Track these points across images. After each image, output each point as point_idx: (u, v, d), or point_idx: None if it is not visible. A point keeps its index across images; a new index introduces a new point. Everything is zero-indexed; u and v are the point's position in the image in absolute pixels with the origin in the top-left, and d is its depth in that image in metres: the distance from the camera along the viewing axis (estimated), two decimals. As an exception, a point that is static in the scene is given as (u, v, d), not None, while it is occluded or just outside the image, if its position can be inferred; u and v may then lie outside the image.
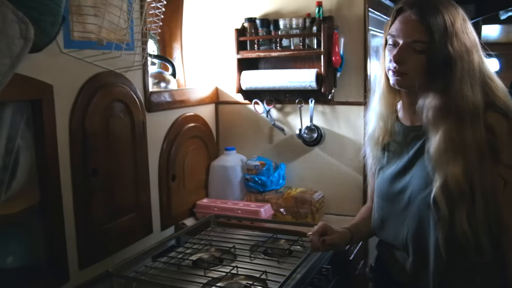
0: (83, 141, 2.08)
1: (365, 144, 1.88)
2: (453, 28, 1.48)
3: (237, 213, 2.77)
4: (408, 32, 1.53)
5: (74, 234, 2.07)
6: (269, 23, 2.88)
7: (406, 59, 1.54)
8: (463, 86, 1.48)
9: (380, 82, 1.74)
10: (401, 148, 1.71)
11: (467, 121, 1.48)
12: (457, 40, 1.48)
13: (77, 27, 2.01)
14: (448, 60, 1.48)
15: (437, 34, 1.47)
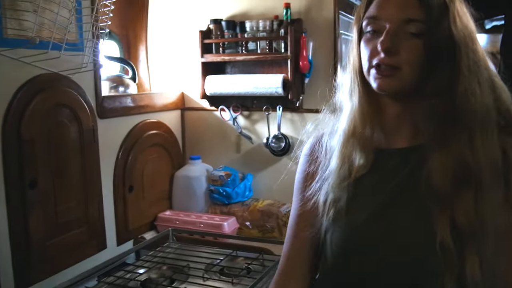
0: (19, 149, 1.89)
1: (319, 180, 1.26)
2: (453, 3, 1.11)
3: (199, 226, 2.60)
4: (398, 8, 1.10)
5: (9, 253, 1.89)
6: (235, 25, 2.72)
7: (399, 46, 1.09)
8: (471, 82, 1.09)
9: (353, 91, 1.22)
10: (377, 182, 1.19)
11: (478, 133, 1.08)
12: (459, 20, 1.10)
13: (11, 24, 1.83)
14: (451, 47, 1.09)
15: (436, 10, 1.08)
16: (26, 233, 1.93)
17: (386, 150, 1.21)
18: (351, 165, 1.21)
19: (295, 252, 1.31)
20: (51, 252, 2.05)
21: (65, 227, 2.13)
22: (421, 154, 1.12)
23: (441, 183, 1.07)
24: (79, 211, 2.20)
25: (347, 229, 1.18)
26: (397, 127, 1.20)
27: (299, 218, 1.31)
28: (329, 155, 1.26)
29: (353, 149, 1.21)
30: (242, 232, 2.67)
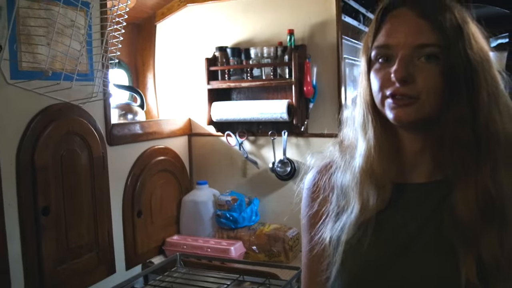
0: (33, 176, 1.95)
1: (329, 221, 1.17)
2: (467, 26, 1.03)
3: (206, 251, 2.63)
4: (409, 34, 1.02)
5: (22, 276, 1.94)
6: (240, 52, 2.79)
7: (414, 74, 1.01)
8: (491, 109, 1.02)
9: (366, 125, 1.12)
10: (396, 220, 1.09)
11: (502, 164, 1.01)
12: (475, 42, 1.02)
13: (25, 57, 1.91)
14: (468, 71, 1.00)
15: (451, 33, 1.00)
16: (39, 258, 1.99)
17: (405, 186, 1.11)
18: (368, 204, 1.09)
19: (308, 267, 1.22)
20: (62, 276, 2.09)
21: (76, 252, 2.18)
22: (442, 190, 1.04)
23: (466, 218, 0.99)
24: (90, 236, 2.26)
25: (361, 272, 1.09)
26: (415, 162, 1.11)
27: (311, 261, 1.20)
28: (342, 194, 1.16)
29: (370, 187, 1.10)
30: (249, 256, 2.71)
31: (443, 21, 1.00)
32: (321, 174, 1.21)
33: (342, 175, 1.16)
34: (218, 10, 2.96)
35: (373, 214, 1.08)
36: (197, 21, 3.03)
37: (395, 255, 1.05)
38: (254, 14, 2.85)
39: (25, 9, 1.91)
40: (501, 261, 0.95)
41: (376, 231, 1.08)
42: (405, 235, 1.05)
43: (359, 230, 1.08)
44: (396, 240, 1.06)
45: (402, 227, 1.06)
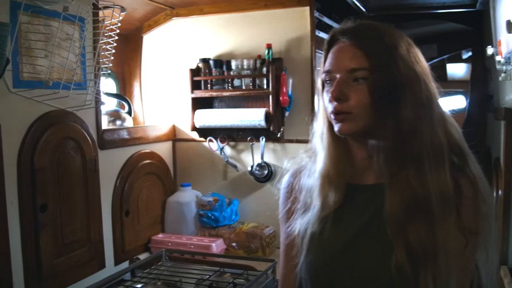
0: (32, 177, 2.14)
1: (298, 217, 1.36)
2: (396, 51, 1.20)
3: (189, 248, 2.84)
4: (344, 61, 1.22)
5: (21, 269, 2.12)
6: (222, 63, 3.01)
7: (347, 94, 1.20)
8: (415, 121, 1.19)
9: (323, 135, 1.34)
10: (349, 215, 1.29)
11: (427, 167, 1.18)
12: (403, 63, 1.20)
13: (26, 68, 2.10)
14: (393, 89, 1.19)
15: (378, 58, 1.19)
16: (37, 251, 2.17)
17: (358, 186, 1.30)
18: (328, 202, 1.29)
19: (286, 279, 1.44)
20: (58, 269, 2.28)
21: (70, 247, 2.36)
22: (384, 191, 1.23)
23: (395, 212, 1.18)
24: (82, 233, 2.44)
25: (322, 258, 1.29)
26: (364, 166, 1.30)
27: (286, 249, 1.42)
28: (308, 194, 1.36)
29: (329, 188, 1.30)
30: (229, 252, 2.92)
31: (372, 48, 1.20)
32: (294, 177, 1.42)
33: (308, 178, 1.37)
34: (201, 24, 3.17)
35: (332, 210, 1.29)
36: (182, 34, 3.23)
37: (348, 244, 1.25)
38: (235, 28, 3.07)
39: (26, 24, 2.09)
40: (427, 247, 1.15)
41: (334, 225, 1.28)
42: (357, 228, 1.25)
43: (320, 224, 1.29)
44: (349, 232, 1.26)
45: (354, 221, 1.26)
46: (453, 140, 1.23)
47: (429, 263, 1.15)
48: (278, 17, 2.96)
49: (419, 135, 1.19)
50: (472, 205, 1.19)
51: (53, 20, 2.20)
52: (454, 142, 1.23)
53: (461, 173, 1.21)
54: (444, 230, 1.16)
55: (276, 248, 2.97)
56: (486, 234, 1.20)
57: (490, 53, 2.53)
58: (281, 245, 1.46)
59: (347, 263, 1.25)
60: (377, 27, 1.26)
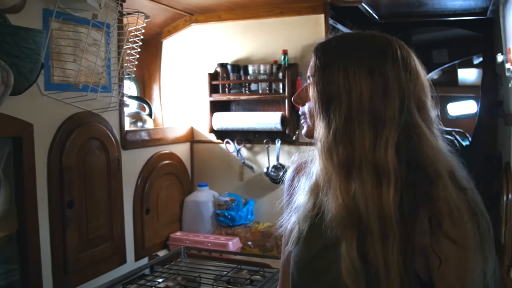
0: (60, 175, 2.26)
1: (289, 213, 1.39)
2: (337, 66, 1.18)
3: (207, 245, 2.94)
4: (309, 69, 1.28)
5: (50, 262, 2.23)
6: (239, 68, 3.12)
7: (303, 98, 1.30)
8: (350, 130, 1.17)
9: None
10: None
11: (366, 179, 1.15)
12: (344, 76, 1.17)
13: (57, 72, 2.22)
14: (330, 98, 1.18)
15: (319, 69, 1.21)
16: (64, 245, 2.29)
17: None
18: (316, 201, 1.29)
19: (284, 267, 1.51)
20: (83, 263, 2.40)
21: (94, 242, 2.48)
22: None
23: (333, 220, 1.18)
24: (105, 229, 2.56)
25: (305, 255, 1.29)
26: None
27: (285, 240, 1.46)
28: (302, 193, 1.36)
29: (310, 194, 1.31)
30: (245, 251, 3.02)
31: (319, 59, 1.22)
32: (296, 172, 1.47)
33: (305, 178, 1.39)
34: (219, 30, 3.28)
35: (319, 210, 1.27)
36: (200, 39, 3.34)
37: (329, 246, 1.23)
38: (252, 35, 3.18)
39: (56, 31, 2.22)
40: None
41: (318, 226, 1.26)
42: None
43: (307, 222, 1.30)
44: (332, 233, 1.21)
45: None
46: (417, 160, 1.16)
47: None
48: (293, 24, 3.06)
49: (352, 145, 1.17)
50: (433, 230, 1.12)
51: (81, 27, 2.32)
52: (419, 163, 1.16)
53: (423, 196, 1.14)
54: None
55: (290, 247, 3.06)
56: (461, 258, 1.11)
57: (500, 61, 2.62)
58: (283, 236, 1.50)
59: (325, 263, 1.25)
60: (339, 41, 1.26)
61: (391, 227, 1.11)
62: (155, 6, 2.96)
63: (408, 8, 3.57)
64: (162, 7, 3.03)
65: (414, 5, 3.40)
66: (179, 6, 3.11)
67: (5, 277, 2.10)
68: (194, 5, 3.08)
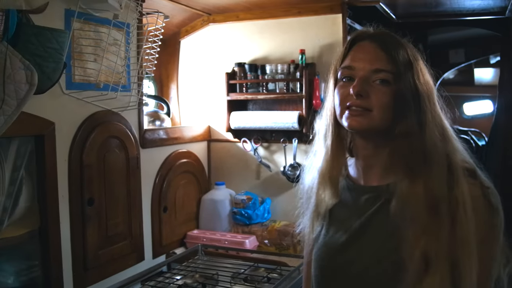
0: (81, 173, 2.30)
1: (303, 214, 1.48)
2: (417, 62, 1.27)
3: (224, 243, 2.96)
4: (368, 60, 1.26)
5: (70, 258, 2.27)
6: (257, 68, 3.14)
7: (369, 91, 1.24)
8: (434, 128, 1.23)
9: (327, 134, 1.39)
10: (349, 213, 1.35)
11: (440, 172, 1.21)
12: (422, 76, 1.26)
13: (78, 71, 2.26)
14: (417, 96, 1.24)
15: (402, 64, 1.24)
16: (84, 242, 2.33)
17: (360, 187, 1.36)
18: (324, 199, 1.36)
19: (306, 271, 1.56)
20: (102, 260, 2.43)
21: (113, 239, 2.51)
22: (390, 192, 1.25)
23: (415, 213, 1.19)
24: (124, 227, 2.59)
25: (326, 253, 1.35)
26: (369, 166, 1.34)
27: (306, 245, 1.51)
28: (307, 191, 1.45)
29: (325, 186, 1.36)
30: (261, 249, 3.03)
31: (396, 54, 1.24)
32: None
33: (307, 177, 1.47)
34: (237, 30, 3.30)
35: (328, 207, 1.36)
36: (218, 39, 3.37)
37: (349, 241, 1.31)
38: (269, 34, 3.19)
39: (78, 31, 2.25)
40: (438, 251, 1.17)
41: (336, 224, 1.35)
42: (357, 226, 1.30)
43: (320, 222, 1.37)
44: (351, 229, 1.31)
45: (356, 220, 1.31)
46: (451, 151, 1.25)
47: (436, 265, 1.17)
48: (311, 23, 3.07)
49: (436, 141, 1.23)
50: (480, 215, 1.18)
51: (102, 27, 2.35)
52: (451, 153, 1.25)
53: (473, 185, 1.21)
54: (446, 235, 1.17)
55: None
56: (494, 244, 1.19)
57: (518, 60, 2.62)
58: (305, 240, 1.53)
59: (349, 258, 1.30)
60: (399, 38, 1.31)
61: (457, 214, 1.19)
62: (174, 6, 2.98)
63: (425, 8, 3.57)
64: (180, 7, 3.05)
65: (431, 5, 3.41)
66: (197, 6, 3.14)
67: (27, 273, 2.14)
68: (212, 5, 3.10)
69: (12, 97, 1.63)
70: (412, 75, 1.24)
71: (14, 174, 2.01)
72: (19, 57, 1.65)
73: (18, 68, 1.63)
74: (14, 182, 2.01)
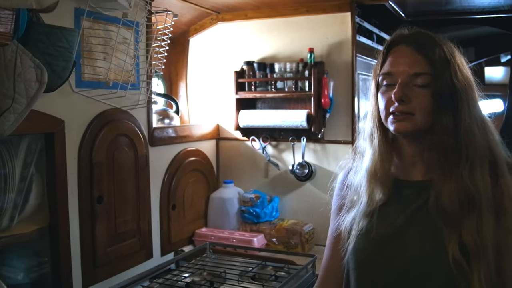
0: (90, 170, 2.31)
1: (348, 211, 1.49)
2: (454, 59, 1.32)
3: (232, 241, 2.97)
4: (407, 65, 1.32)
5: (79, 255, 2.29)
6: (265, 66, 3.14)
7: (410, 96, 1.30)
8: (472, 124, 1.30)
9: (373, 135, 1.44)
10: (395, 208, 1.39)
11: (478, 166, 1.28)
12: (460, 72, 1.31)
13: (87, 69, 2.27)
14: (454, 94, 1.29)
15: (440, 64, 1.30)
16: (94, 239, 2.34)
17: (404, 182, 1.41)
18: (374, 197, 1.40)
19: (330, 267, 1.57)
20: (111, 257, 2.45)
21: (122, 237, 2.53)
22: (433, 186, 1.32)
23: (449, 207, 1.26)
24: (133, 224, 2.60)
25: (370, 247, 1.39)
26: (413, 163, 1.40)
27: (333, 242, 1.55)
28: (355, 189, 1.47)
29: (375, 184, 1.41)
30: (269, 247, 3.04)
31: (433, 55, 1.30)
32: (346, 175, 1.56)
33: (355, 176, 1.49)
34: (246, 29, 3.30)
35: (377, 205, 1.39)
36: (227, 38, 3.38)
37: (394, 235, 1.35)
38: (278, 33, 3.20)
39: (87, 29, 2.26)
40: (478, 243, 1.23)
41: (381, 218, 1.39)
42: (403, 220, 1.35)
43: (367, 218, 1.40)
44: (396, 224, 1.36)
45: (401, 214, 1.36)
46: (493, 145, 1.33)
47: (480, 260, 1.22)
48: (320, 22, 3.07)
49: (472, 137, 1.29)
50: None
51: (111, 25, 2.37)
52: (494, 148, 1.32)
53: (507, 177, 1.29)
54: (490, 227, 1.24)
55: (314, 245, 3.09)
56: None
57: (528, 59, 2.60)
58: (328, 238, 1.59)
59: (393, 252, 1.34)
60: (435, 36, 1.36)
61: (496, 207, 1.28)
62: (183, 5, 2.99)
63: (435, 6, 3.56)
64: (189, 6, 3.06)
65: (441, 3, 3.39)
66: (206, 5, 3.14)
67: (37, 269, 2.16)
68: (221, 3, 3.11)
69: (22, 95, 1.64)
70: (449, 73, 1.30)
71: (24, 172, 2.03)
72: (29, 56, 1.66)
73: (28, 67, 1.65)
74: (24, 179, 2.03)
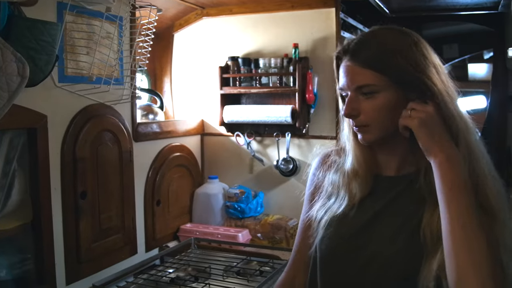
0: (73, 166, 2.30)
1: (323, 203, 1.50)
2: (400, 54, 1.28)
3: (217, 237, 2.97)
4: (350, 80, 1.31)
5: (63, 251, 2.27)
6: (250, 62, 3.14)
7: (358, 109, 1.32)
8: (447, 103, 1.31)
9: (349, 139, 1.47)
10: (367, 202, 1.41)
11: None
12: (410, 64, 1.27)
13: (70, 64, 2.26)
14: (407, 88, 1.29)
15: (383, 69, 1.28)
16: (77, 235, 2.33)
17: (379, 177, 1.43)
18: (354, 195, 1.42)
19: (301, 253, 1.58)
20: (95, 253, 2.43)
21: (106, 232, 2.51)
22: (407, 181, 1.36)
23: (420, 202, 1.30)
24: (117, 220, 2.59)
25: (341, 235, 1.41)
26: (387, 161, 1.42)
27: (304, 227, 1.55)
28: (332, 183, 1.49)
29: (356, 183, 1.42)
30: (254, 242, 3.04)
31: (375, 63, 1.28)
32: (321, 163, 1.57)
33: (334, 173, 1.50)
34: (231, 24, 3.30)
35: (357, 202, 1.42)
36: (211, 33, 3.37)
37: (363, 227, 1.38)
38: (263, 28, 3.19)
39: (70, 24, 2.24)
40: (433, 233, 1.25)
41: (356, 210, 1.41)
42: (371, 213, 1.38)
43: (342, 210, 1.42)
44: (364, 216, 1.39)
45: (371, 207, 1.39)
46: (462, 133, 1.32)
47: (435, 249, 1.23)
48: (304, 18, 3.07)
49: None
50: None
51: (95, 20, 2.35)
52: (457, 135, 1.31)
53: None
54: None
55: (299, 240, 3.09)
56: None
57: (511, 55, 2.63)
58: (300, 222, 1.60)
59: (359, 243, 1.37)
60: (379, 35, 1.35)
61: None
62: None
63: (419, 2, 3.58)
64: (174, 1, 3.06)
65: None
66: (191, 0, 3.13)
67: (20, 266, 2.14)
68: (206, -2, 3.10)
69: (3, 90, 1.63)
70: (397, 71, 1.28)
71: (6, 167, 2.01)
72: (11, 50, 1.64)
73: (9, 61, 1.63)
74: (6, 175, 2.01)
